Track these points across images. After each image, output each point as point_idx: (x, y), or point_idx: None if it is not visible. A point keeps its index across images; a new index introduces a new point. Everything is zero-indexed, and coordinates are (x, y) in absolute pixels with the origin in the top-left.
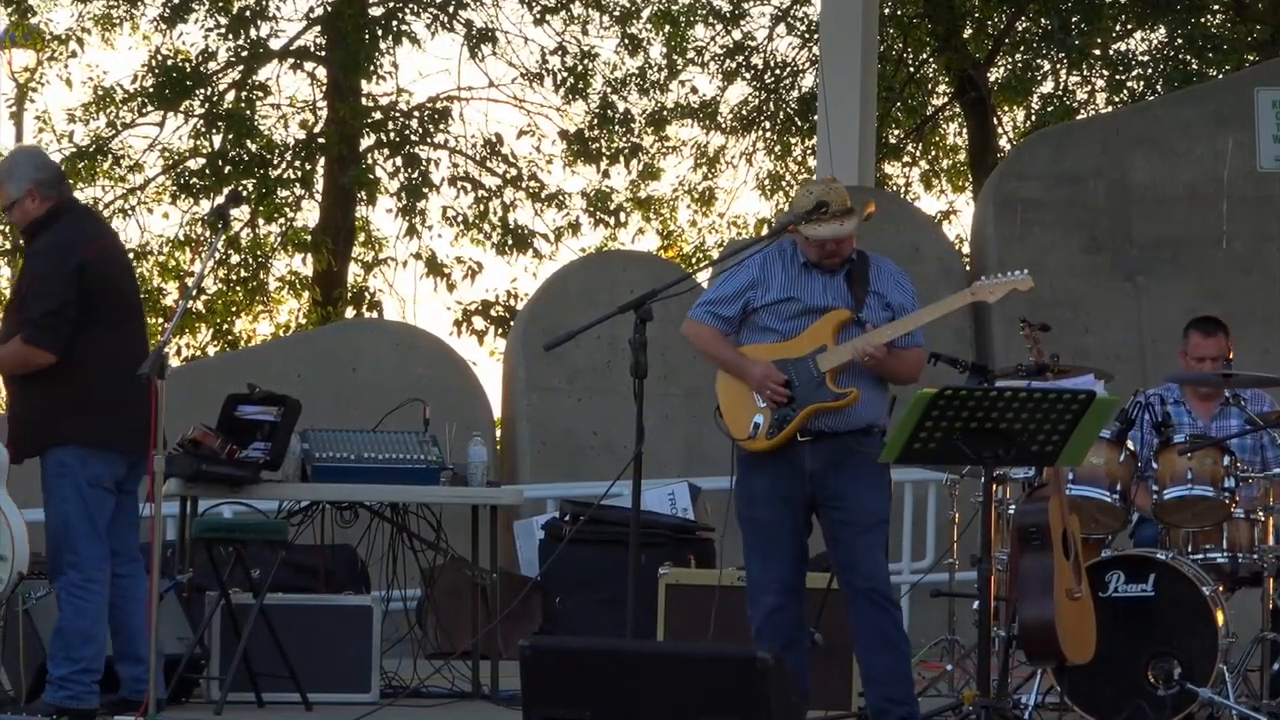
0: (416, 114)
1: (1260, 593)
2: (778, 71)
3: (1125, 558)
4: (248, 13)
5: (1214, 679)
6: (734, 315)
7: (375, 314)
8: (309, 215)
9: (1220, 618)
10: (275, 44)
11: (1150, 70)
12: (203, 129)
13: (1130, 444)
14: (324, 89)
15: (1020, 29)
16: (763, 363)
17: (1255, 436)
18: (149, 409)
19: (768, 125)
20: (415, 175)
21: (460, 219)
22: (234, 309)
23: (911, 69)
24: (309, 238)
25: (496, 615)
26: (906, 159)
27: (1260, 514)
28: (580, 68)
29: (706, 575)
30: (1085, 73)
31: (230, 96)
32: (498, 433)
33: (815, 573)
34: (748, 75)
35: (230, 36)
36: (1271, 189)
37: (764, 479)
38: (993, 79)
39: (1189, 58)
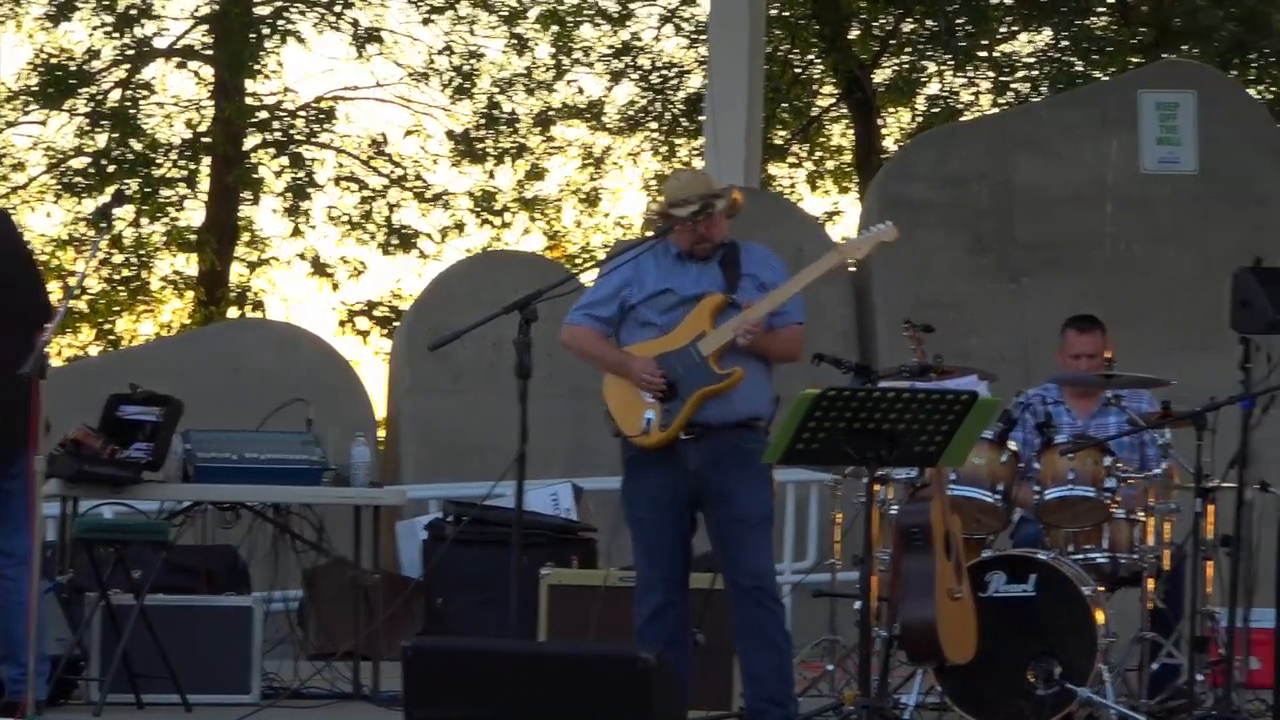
0: (302, 113)
1: (1139, 593)
2: (665, 72)
3: (1006, 558)
4: (133, 11)
5: (1093, 678)
6: (611, 315)
7: (259, 314)
8: (193, 215)
9: (1100, 617)
10: (161, 43)
11: (1035, 72)
12: (87, 127)
13: (1012, 444)
14: (209, 88)
15: (906, 30)
16: (641, 357)
17: (1135, 436)
18: (25, 409)
19: (654, 126)
20: (300, 175)
21: (345, 219)
22: (117, 309)
23: (798, 70)
24: (193, 237)
25: (379, 616)
26: (792, 160)
27: (1140, 514)
28: (467, 67)
29: (589, 576)
30: (970, 74)
31: (115, 95)
32: (381, 433)
33: (698, 573)
34: (634, 76)
35: (116, 35)
36: (1154, 191)
37: (650, 479)
38: (879, 80)
39: (1074, 60)
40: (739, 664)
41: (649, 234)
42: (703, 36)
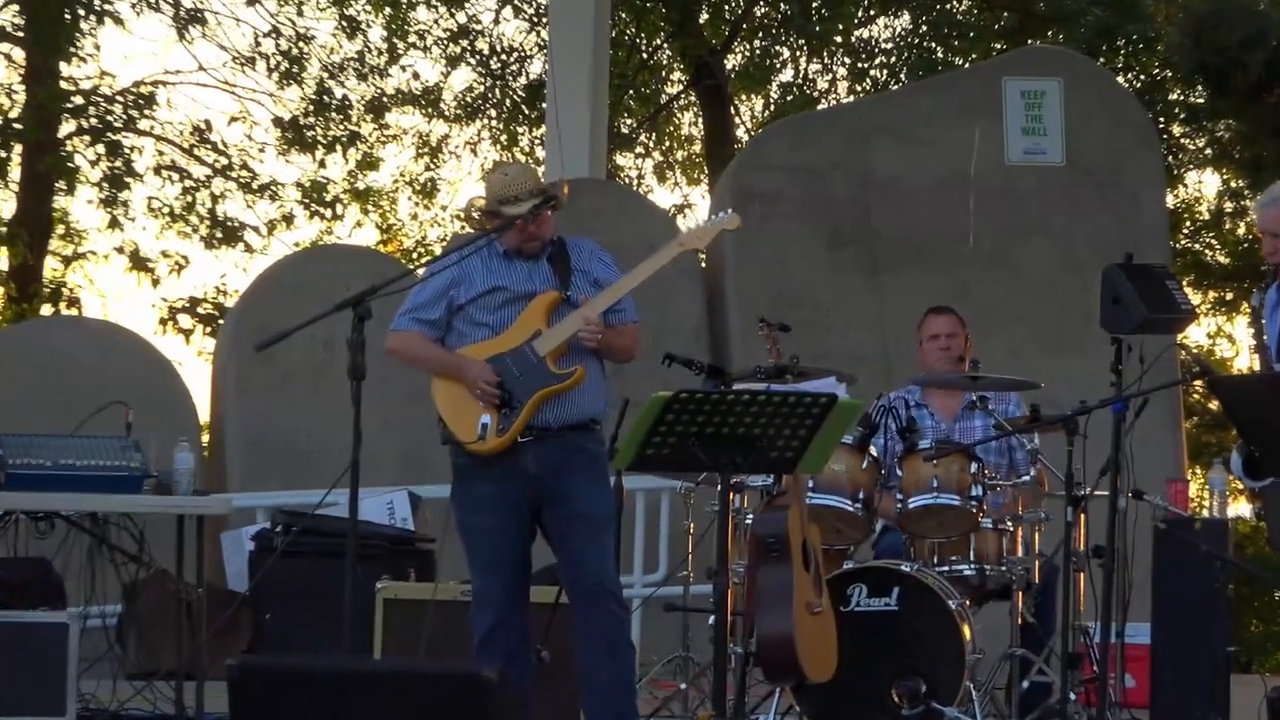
0: (120, 99)
1: (1009, 606)
2: (504, 57)
3: (868, 570)
4: None
5: (960, 697)
6: (439, 318)
7: (75, 311)
8: (4, 206)
9: (967, 633)
10: None
11: (894, 58)
12: None
13: (873, 450)
14: (21, 72)
15: (759, 14)
16: (475, 361)
17: (1002, 441)
18: None
19: (493, 113)
20: (118, 164)
21: (166, 210)
22: None
23: (645, 55)
24: (4, 229)
25: (203, 632)
26: (639, 150)
27: (1008, 523)
28: (295, 51)
29: (427, 589)
30: (827, 61)
31: None
32: (205, 438)
33: (543, 586)
34: (473, 61)
35: None
36: (1020, 182)
37: (485, 485)
38: (730, 66)
39: (934, 45)
40: (579, 673)
41: (487, 230)
42: (544, 20)
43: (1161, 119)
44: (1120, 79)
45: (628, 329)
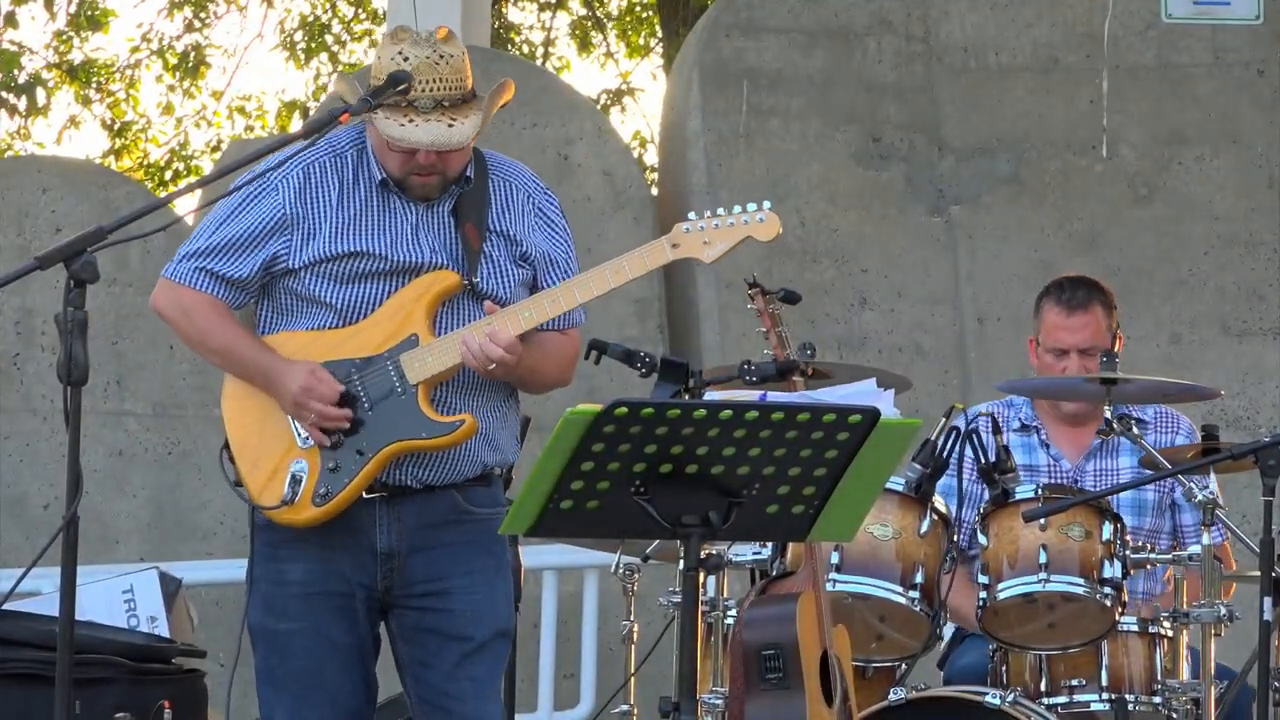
0: None
1: None
2: None
3: (930, 702)
4: None
5: None
6: (249, 276)
7: None
8: None
9: None
10: None
11: None
12: None
13: (940, 503)
14: None
15: None
16: (305, 365)
17: (1155, 487)
18: None
19: None
20: None
21: None
22: None
23: None
24: None
25: None
26: (544, 1)
27: (1166, 624)
28: None
29: None
30: None
31: None
32: None
33: None
34: None
35: None
36: (1186, 55)
37: (300, 564)
38: None
39: None
40: None
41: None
42: None
43: None
44: None
45: (564, 340)
